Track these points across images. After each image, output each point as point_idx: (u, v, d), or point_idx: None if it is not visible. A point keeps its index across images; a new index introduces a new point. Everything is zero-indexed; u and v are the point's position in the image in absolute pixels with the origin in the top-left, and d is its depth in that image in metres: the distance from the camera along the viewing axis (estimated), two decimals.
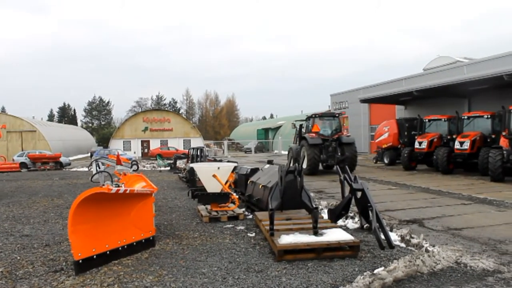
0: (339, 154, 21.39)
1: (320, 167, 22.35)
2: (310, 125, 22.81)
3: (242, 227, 9.15)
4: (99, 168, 17.08)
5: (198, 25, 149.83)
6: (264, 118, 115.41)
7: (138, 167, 29.89)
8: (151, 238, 7.40)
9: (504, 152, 16.88)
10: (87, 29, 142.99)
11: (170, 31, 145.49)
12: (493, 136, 19.87)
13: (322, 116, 23.34)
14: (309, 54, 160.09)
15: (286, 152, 30.79)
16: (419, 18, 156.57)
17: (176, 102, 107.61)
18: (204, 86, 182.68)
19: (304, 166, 20.10)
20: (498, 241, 7.69)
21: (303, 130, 23.54)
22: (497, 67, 21.60)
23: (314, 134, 21.68)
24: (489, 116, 20.67)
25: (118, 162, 19.06)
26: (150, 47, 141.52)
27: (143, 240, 7.20)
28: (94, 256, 6.16)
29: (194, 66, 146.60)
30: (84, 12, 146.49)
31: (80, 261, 5.96)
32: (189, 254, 7.04)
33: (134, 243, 6.98)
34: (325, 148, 21.45)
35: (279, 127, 65.99)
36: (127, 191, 6.52)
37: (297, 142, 23.16)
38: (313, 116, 23.17)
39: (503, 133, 17.81)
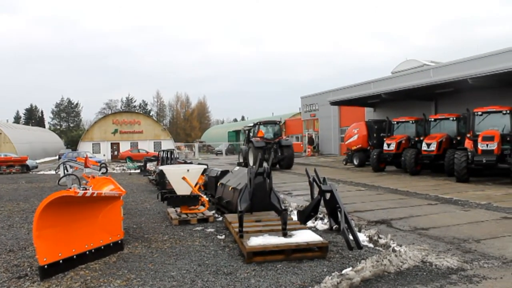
0: (279, 154, 26.22)
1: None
2: (256, 131, 27.44)
3: (212, 230, 9.13)
4: (67, 171, 16.79)
5: (169, 26, 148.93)
6: (236, 120, 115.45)
7: (107, 170, 29.45)
8: (119, 241, 7.31)
9: (469, 153, 17.30)
10: (55, 29, 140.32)
11: (140, 32, 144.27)
12: (458, 138, 20.38)
13: (265, 123, 28.68)
14: (281, 57, 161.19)
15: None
16: (389, 23, 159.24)
17: (146, 104, 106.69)
18: (175, 88, 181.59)
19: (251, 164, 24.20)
20: (462, 240, 7.88)
21: (251, 134, 28.05)
22: (462, 70, 22.16)
23: (259, 138, 26.27)
24: (454, 119, 21.19)
25: (87, 164, 18.77)
26: (120, 48, 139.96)
27: (111, 244, 7.11)
28: (60, 261, 6.04)
29: (165, 68, 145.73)
30: (52, 12, 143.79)
31: (46, 266, 5.83)
32: (158, 257, 6.99)
33: (102, 247, 6.88)
34: (268, 150, 25.37)
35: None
36: (94, 194, 6.43)
37: (246, 145, 27.61)
38: (258, 123, 28.23)
39: (468, 135, 18.26)
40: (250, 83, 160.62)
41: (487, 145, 16.92)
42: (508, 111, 17.95)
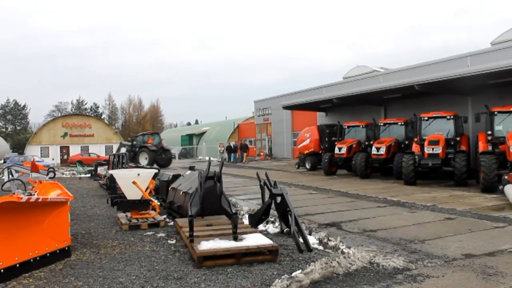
0: (163, 156, 35.26)
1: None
2: (146, 139, 36.44)
3: (163, 234, 9.05)
4: (12, 175, 16.22)
5: (122, 27, 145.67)
6: (189, 124, 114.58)
7: (55, 174, 28.50)
8: (66, 248, 7.12)
9: (416, 157, 17.87)
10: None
11: (92, 32, 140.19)
12: (406, 142, 21.06)
13: (152, 133, 39.11)
14: (235, 61, 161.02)
15: (210, 158, 33.30)
16: (344, 29, 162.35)
17: (98, 107, 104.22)
18: (127, 91, 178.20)
19: (146, 163, 32.59)
20: (409, 240, 8.13)
21: (135, 142, 36.88)
22: (409, 77, 22.81)
23: (149, 144, 35.49)
24: (402, 123, 21.88)
25: (33, 169, 18.15)
26: (71, 49, 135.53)
27: (58, 251, 6.91)
28: (2, 270, 5.81)
29: (117, 70, 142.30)
30: None
31: None
32: (106, 263, 6.85)
33: (48, 254, 6.68)
34: (156, 152, 34.86)
35: (204, 133, 65.81)
36: (39, 200, 6.24)
37: (132, 149, 35.82)
38: (146, 133, 38.78)
39: (415, 139, 18.89)
40: (204, 86, 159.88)
41: (433, 149, 17.54)
42: (452, 117, 18.70)
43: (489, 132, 16.60)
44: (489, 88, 20.22)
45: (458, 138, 18.35)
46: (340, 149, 23.09)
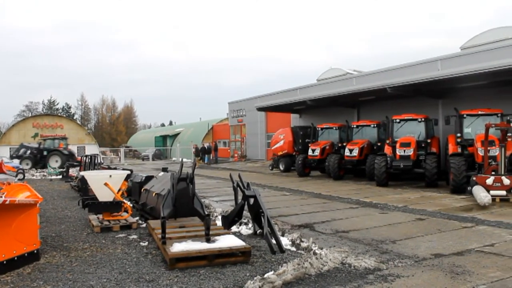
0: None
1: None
2: (57, 143, 38.70)
3: (135, 236, 8.95)
4: None
5: (96, 26, 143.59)
6: (163, 125, 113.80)
7: (24, 176, 28.00)
8: (35, 251, 6.96)
9: (388, 158, 18.14)
10: None
11: (65, 30, 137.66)
12: (379, 143, 21.34)
13: (62, 138, 41.60)
14: (211, 62, 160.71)
15: (185, 160, 33.79)
16: (319, 31, 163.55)
17: (70, 107, 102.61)
18: (100, 91, 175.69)
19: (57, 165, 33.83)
20: (380, 241, 8.24)
21: (50, 145, 38.69)
22: (382, 80, 23.13)
23: (61, 148, 38.42)
24: (375, 125, 22.18)
25: (2, 170, 17.76)
26: (42, 47, 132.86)
27: (26, 254, 6.75)
28: None
29: (90, 70, 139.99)
30: None
31: None
32: (77, 266, 6.74)
33: (16, 258, 6.52)
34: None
35: (178, 134, 65.44)
36: (7, 202, 6.10)
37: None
38: (56, 138, 41.49)
39: (387, 141, 19.17)
40: (179, 87, 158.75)
41: (404, 150, 17.81)
42: (423, 119, 19.03)
43: (459, 135, 16.99)
44: (459, 91, 20.69)
45: (429, 140, 18.71)
46: (313, 150, 23.24)
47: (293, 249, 7.63)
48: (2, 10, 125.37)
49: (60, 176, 28.18)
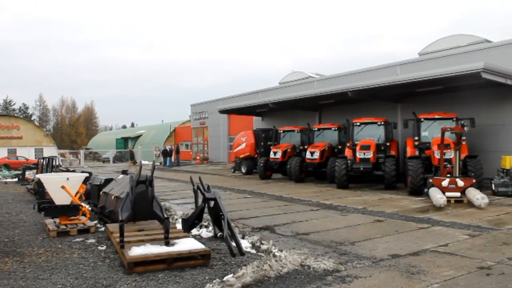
0: None
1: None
2: None
3: (93, 240, 8.77)
4: None
5: (55, 26, 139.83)
6: (124, 127, 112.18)
7: None
8: None
9: (349, 161, 18.40)
10: None
11: (24, 29, 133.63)
12: (339, 146, 21.62)
13: None
14: (175, 64, 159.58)
15: (146, 162, 33.80)
16: (282, 34, 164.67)
17: (27, 108, 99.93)
18: (60, 92, 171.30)
19: None
20: (339, 243, 8.34)
21: None
22: (343, 83, 23.43)
23: None
24: (336, 129, 22.47)
25: None
26: None
27: None
28: None
29: (49, 70, 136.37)
30: None
31: None
32: (30, 272, 6.53)
33: None
34: None
35: (139, 136, 64.61)
36: None
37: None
38: None
39: (348, 144, 19.44)
40: (141, 89, 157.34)
41: (364, 153, 18.11)
42: (382, 123, 19.42)
43: (416, 138, 17.42)
44: (417, 96, 21.23)
45: (388, 143, 19.10)
46: (275, 153, 23.33)
47: (253, 251, 7.63)
48: None
49: (16, 179, 27.36)
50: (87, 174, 11.72)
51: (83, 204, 10.45)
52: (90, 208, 11.58)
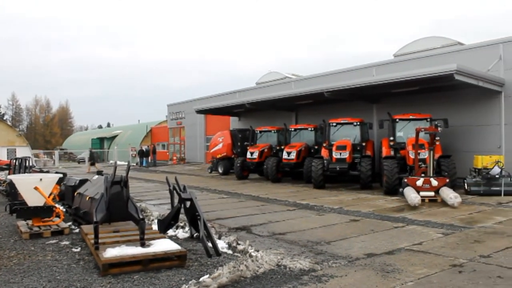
0: None
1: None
2: None
3: (67, 242, 8.61)
4: None
5: (29, 23, 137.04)
6: (100, 127, 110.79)
7: None
8: None
9: (325, 161, 18.51)
10: None
11: None
12: (316, 147, 21.76)
13: None
14: (151, 63, 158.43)
15: (122, 162, 33.52)
16: (260, 35, 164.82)
17: None
18: (34, 91, 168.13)
19: None
20: (315, 242, 8.38)
21: None
22: (320, 84, 23.55)
23: None
24: (312, 129, 22.60)
25: None
26: None
27: None
28: None
29: (23, 68, 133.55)
30: None
31: None
32: (1, 276, 6.37)
33: None
34: None
35: (115, 136, 63.90)
36: None
37: None
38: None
39: (324, 144, 19.57)
40: (117, 88, 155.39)
41: (340, 153, 18.24)
42: (358, 123, 19.61)
43: (391, 138, 17.63)
44: (392, 96, 21.48)
45: (364, 144, 19.29)
46: (252, 153, 23.35)
47: (230, 252, 7.61)
48: None
49: None
50: (61, 175, 11.51)
51: (57, 205, 10.27)
52: (64, 210, 11.39)
